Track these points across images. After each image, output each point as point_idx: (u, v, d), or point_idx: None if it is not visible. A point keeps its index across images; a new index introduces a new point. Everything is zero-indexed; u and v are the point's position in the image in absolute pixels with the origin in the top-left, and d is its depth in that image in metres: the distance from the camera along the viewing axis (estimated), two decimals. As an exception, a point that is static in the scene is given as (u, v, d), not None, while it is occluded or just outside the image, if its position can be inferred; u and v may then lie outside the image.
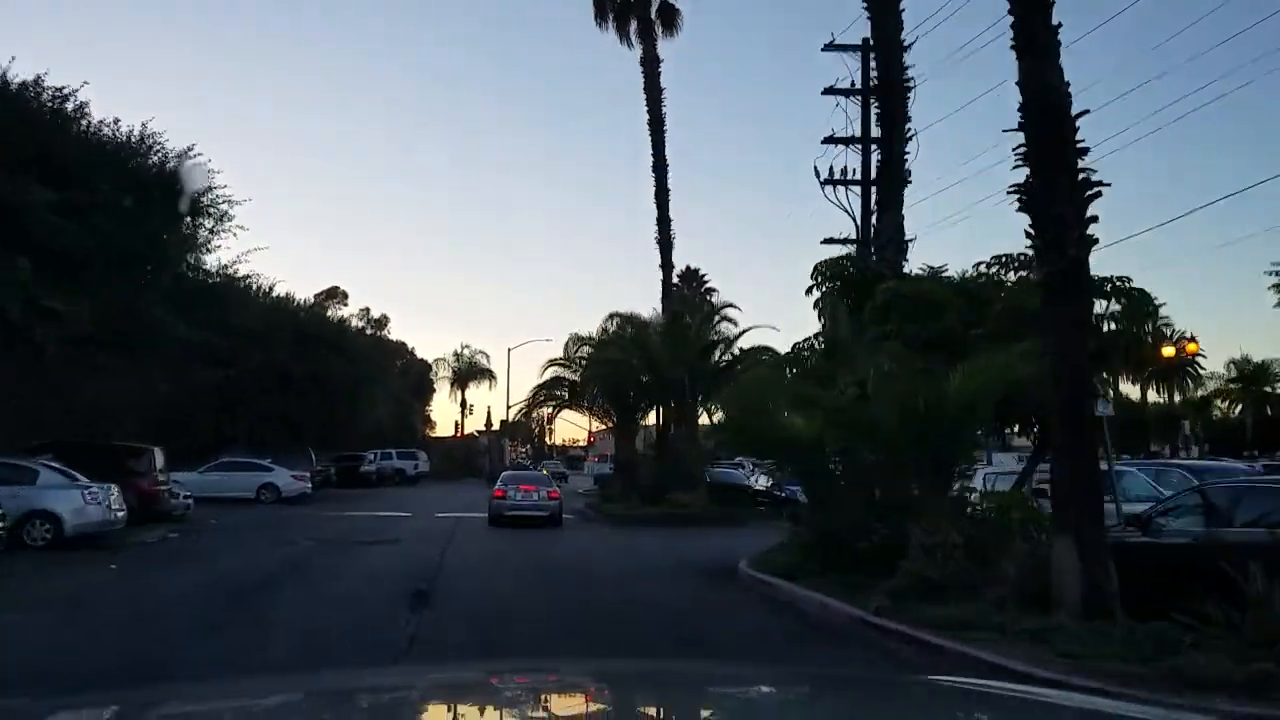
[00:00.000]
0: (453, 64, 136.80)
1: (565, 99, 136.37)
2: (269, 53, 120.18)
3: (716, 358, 28.38)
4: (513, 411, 39.64)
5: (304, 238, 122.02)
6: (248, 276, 24.17)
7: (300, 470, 36.64)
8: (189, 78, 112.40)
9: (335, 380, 40.89)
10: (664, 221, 31.66)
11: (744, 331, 27.78)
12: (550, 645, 9.36)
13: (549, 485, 28.39)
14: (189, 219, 21.49)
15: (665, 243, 31.51)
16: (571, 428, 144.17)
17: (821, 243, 39.53)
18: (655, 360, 27.85)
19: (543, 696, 2.74)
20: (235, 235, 22.86)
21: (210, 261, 23.59)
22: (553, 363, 36.22)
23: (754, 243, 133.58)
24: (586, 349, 35.90)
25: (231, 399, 38.37)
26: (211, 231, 22.74)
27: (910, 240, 15.95)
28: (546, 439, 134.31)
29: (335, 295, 70.53)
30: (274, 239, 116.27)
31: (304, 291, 50.44)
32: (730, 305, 27.75)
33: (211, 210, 22.07)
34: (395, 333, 72.82)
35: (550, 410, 38.82)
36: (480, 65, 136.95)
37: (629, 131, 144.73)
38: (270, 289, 42.32)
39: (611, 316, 29.34)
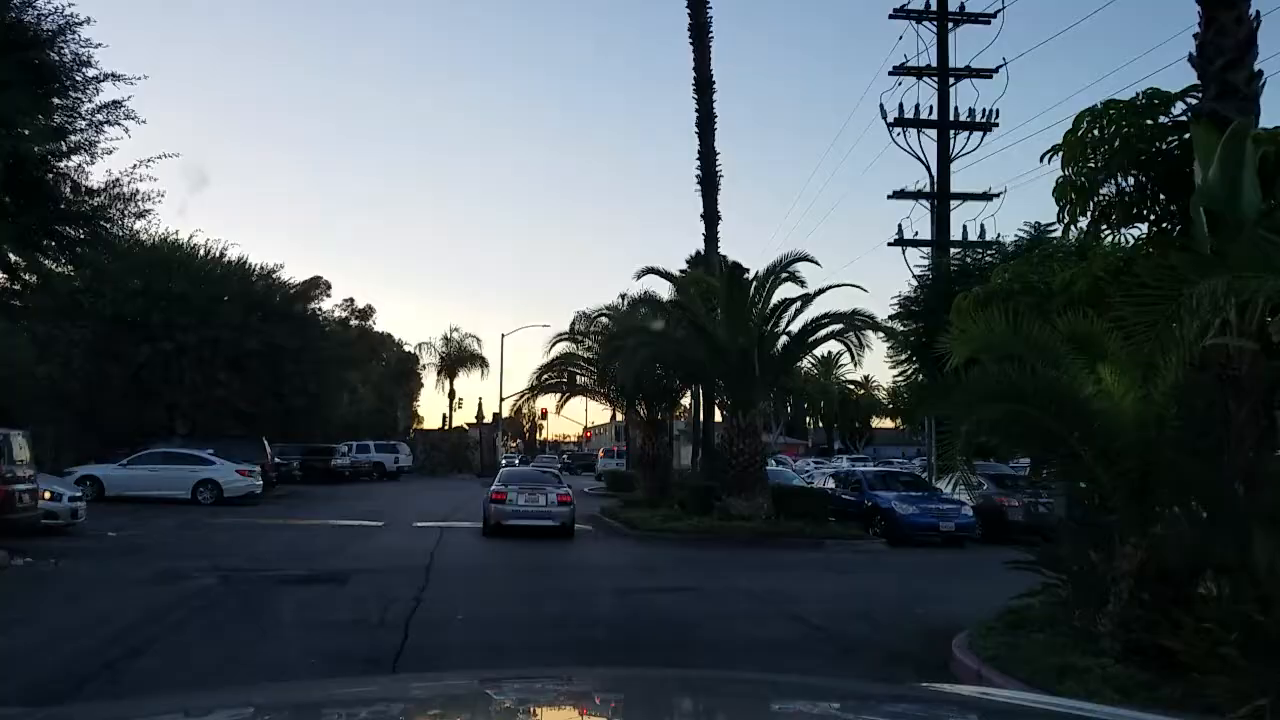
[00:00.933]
0: (440, 46, 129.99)
1: (563, 70, 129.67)
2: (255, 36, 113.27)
3: (784, 325, 21.44)
4: (510, 401, 32.60)
5: (289, 229, 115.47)
6: (148, 197, 16.83)
7: (249, 464, 29.67)
8: (175, 71, 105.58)
9: (295, 359, 33.90)
10: (708, 156, 24.78)
11: (821, 291, 20.86)
12: None
13: (559, 487, 21.84)
14: (39, 93, 14.39)
15: (709, 182, 24.64)
16: (564, 422, 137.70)
17: (889, 197, 33.01)
18: (708, 329, 20.93)
19: (539, 708, 2.52)
20: (127, 131, 15.77)
21: (97, 176, 16.46)
22: (562, 338, 29.37)
23: (770, 221, 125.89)
24: (604, 319, 29.04)
25: (166, 377, 31.42)
26: (94, 125, 15.62)
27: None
28: (539, 434, 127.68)
29: (318, 285, 64.06)
30: (258, 231, 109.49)
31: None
32: (801, 258, 20.86)
33: (81, 83, 14.95)
34: (383, 325, 67.06)
35: (559, 397, 31.85)
36: (471, 51, 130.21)
37: (636, 108, 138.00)
38: (222, 254, 35.44)
39: (645, 273, 22.40)
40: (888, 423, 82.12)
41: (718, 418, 43.25)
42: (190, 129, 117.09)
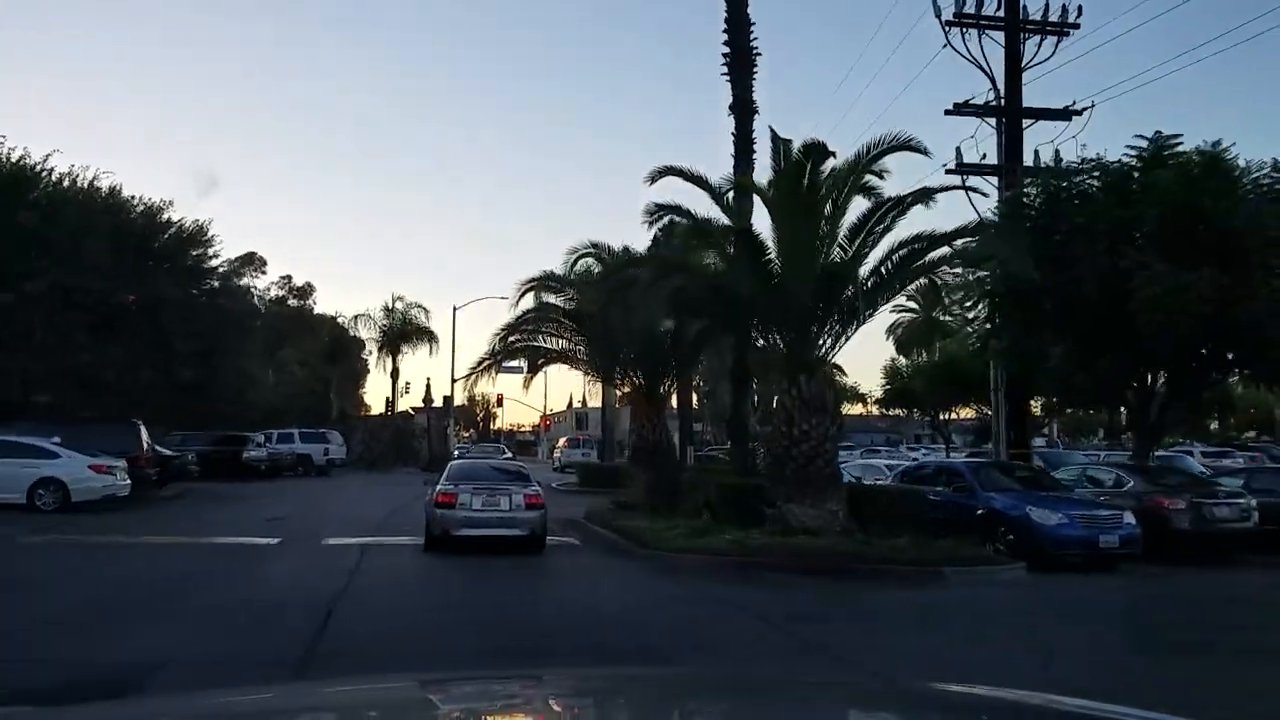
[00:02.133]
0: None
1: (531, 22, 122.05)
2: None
3: (870, 246, 14.40)
4: (465, 382, 24.93)
5: (229, 208, 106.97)
6: None
7: (111, 457, 22.26)
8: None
9: (183, 316, 26.35)
10: (739, 23, 17.75)
11: (941, 190, 13.84)
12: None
13: (526, 486, 15.85)
14: None
15: (742, 60, 17.61)
16: (521, 410, 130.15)
17: (949, 112, 26.22)
18: (762, 258, 13.99)
19: (490, 715, 2.28)
20: None
21: None
22: (533, 285, 22.15)
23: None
24: (587, 261, 21.92)
25: (4, 338, 23.80)
26: None
27: None
28: (493, 423, 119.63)
29: (252, 262, 56.85)
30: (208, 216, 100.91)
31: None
32: (902, 144, 13.69)
33: None
34: (328, 308, 60.09)
35: (527, 372, 24.73)
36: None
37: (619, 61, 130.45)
38: (92, 183, 27.72)
39: (662, 174, 15.13)
40: (858, 409, 76.29)
41: (689, 399, 35.78)
42: (145, 111, 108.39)
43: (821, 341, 14.81)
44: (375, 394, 75.22)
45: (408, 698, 2.36)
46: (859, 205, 15.00)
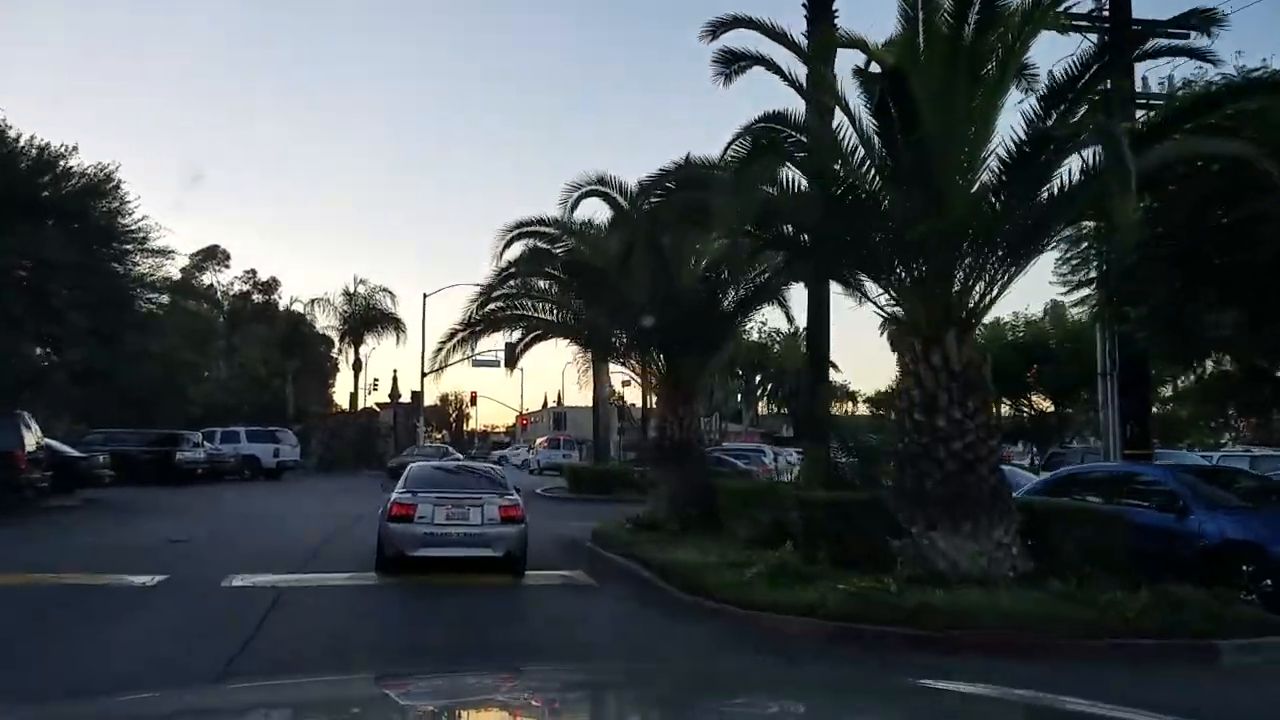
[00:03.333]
0: None
1: None
2: None
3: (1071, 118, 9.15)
4: (438, 352, 19.30)
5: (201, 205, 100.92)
6: None
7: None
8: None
9: (79, 282, 20.79)
10: None
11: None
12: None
13: (502, 495, 12.67)
14: None
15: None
16: (495, 409, 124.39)
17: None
18: (914, 133, 8.66)
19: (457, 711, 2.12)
20: None
21: None
22: (523, 229, 16.74)
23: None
24: (599, 195, 16.46)
25: None
26: None
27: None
28: (466, 423, 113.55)
29: (214, 256, 51.88)
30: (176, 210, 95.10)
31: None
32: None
33: None
34: (299, 309, 56.11)
35: (507, 345, 19.40)
36: None
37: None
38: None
39: (726, 26, 9.77)
40: (847, 407, 71.73)
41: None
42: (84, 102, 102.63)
43: (978, 281, 9.59)
44: (344, 393, 70.04)
45: (380, 695, 2.25)
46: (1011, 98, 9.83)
